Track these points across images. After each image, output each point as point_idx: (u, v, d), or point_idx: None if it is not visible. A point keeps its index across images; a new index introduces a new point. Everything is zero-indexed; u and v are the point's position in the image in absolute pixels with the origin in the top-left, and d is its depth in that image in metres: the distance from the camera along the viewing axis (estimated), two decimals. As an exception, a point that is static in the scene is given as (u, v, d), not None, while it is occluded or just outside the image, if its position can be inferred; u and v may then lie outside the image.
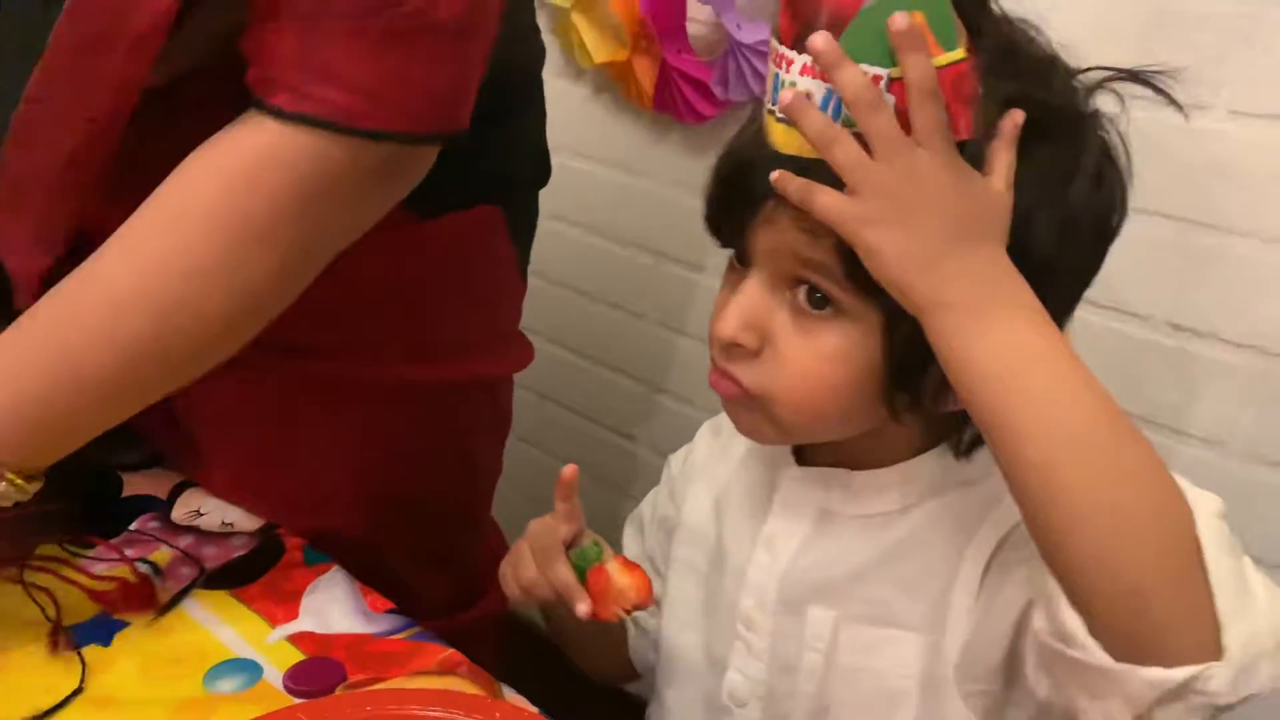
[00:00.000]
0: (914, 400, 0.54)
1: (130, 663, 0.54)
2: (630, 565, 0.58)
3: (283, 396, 0.70)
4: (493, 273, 0.77)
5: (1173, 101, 0.55)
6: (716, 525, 0.67)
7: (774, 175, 0.49)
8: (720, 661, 0.64)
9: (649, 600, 0.58)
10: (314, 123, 0.53)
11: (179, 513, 0.68)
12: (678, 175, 1.23)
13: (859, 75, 0.45)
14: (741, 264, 0.56)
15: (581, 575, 0.58)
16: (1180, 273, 0.91)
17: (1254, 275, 0.87)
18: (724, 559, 0.66)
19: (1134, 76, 0.54)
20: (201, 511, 0.68)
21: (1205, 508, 0.46)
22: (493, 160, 0.70)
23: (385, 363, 0.71)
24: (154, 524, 0.67)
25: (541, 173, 0.84)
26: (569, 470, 0.61)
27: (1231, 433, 0.92)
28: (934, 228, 0.46)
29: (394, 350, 0.71)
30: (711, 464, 0.70)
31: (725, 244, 0.58)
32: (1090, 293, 0.96)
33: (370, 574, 0.65)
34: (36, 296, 0.57)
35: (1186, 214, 0.89)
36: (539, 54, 0.82)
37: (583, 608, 0.57)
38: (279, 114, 0.53)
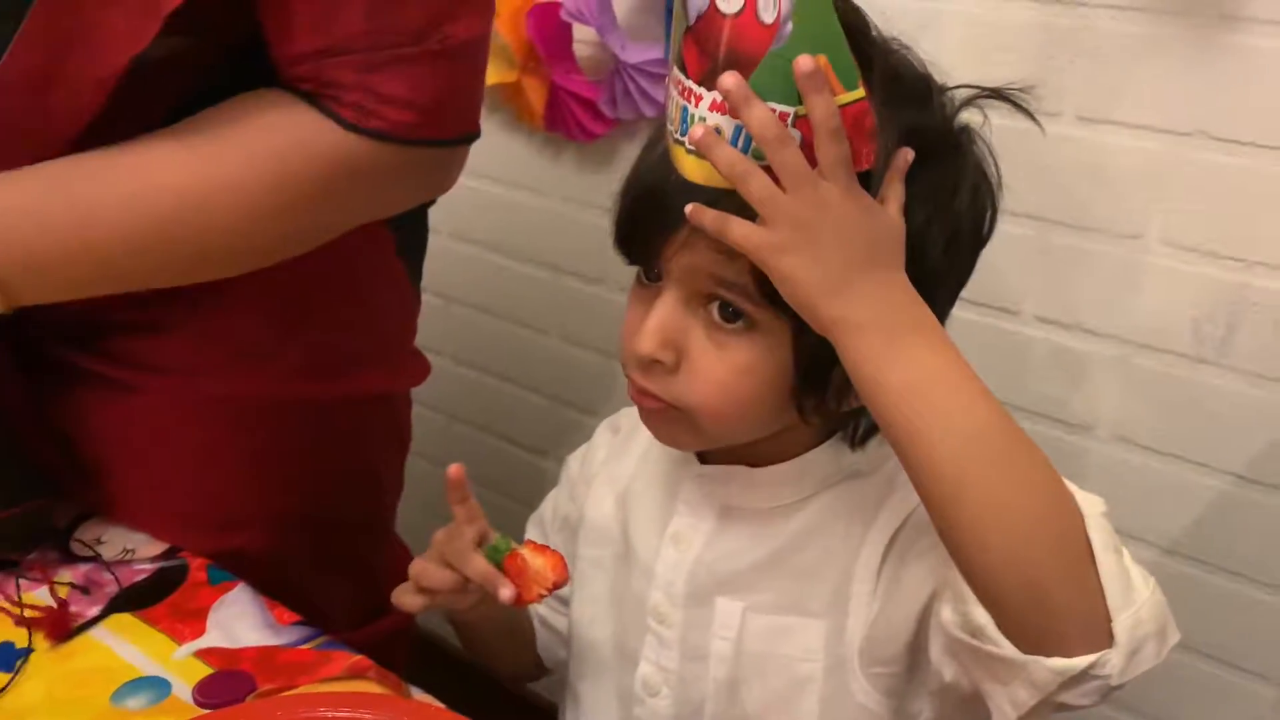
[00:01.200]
0: (820, 402, 0.58)
1: (36, 686, 0.54)
2: (541, 547, 0.60)
3: (178, 418, 0.70)
4: (383, 288, 0.80)
5: (1031, 117, 0.60)
6: (621, 522, 0.69)
7: (688, 208, 0.51)
8: (632, 654, 0.66)
9: (566, 577, 0.60)
10: (378, 136, 0.61)
11: (78, 542, 0.67)
12: (572, 192, 1.26)
13: (767, 113, 0.48)
14: (650, 279, 0.59)
15: (497, 567, 0.59)
16: (1045, 269, 0.98)
17: (1112, 269, 0.94)
18: (631, 555, 0.68)
19: (996, 94, 0.59)
20: (102, 540, 0.68)
21: (1092, 508, 0.50)
22: None
23: (279, 379, 0.72)
24: (53, 554, 0.66)
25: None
26: (454, 470, 0.61)
27: (1098, 418, 0.98)
28: (841, 254, 0.50)
29: (287, 366, 0.72)
30: (611, 462, 0.73)
31: (634, 263, 0.60)
32: (966, 291, 1.02)
33: (277, 591, 0.66)
34: None
35: (1047, 214, 0.96)
36: None
37: (506, 592, 0.58)
38: (347, 125, 0.61)
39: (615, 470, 0.72)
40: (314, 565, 0.73)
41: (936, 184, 0.54)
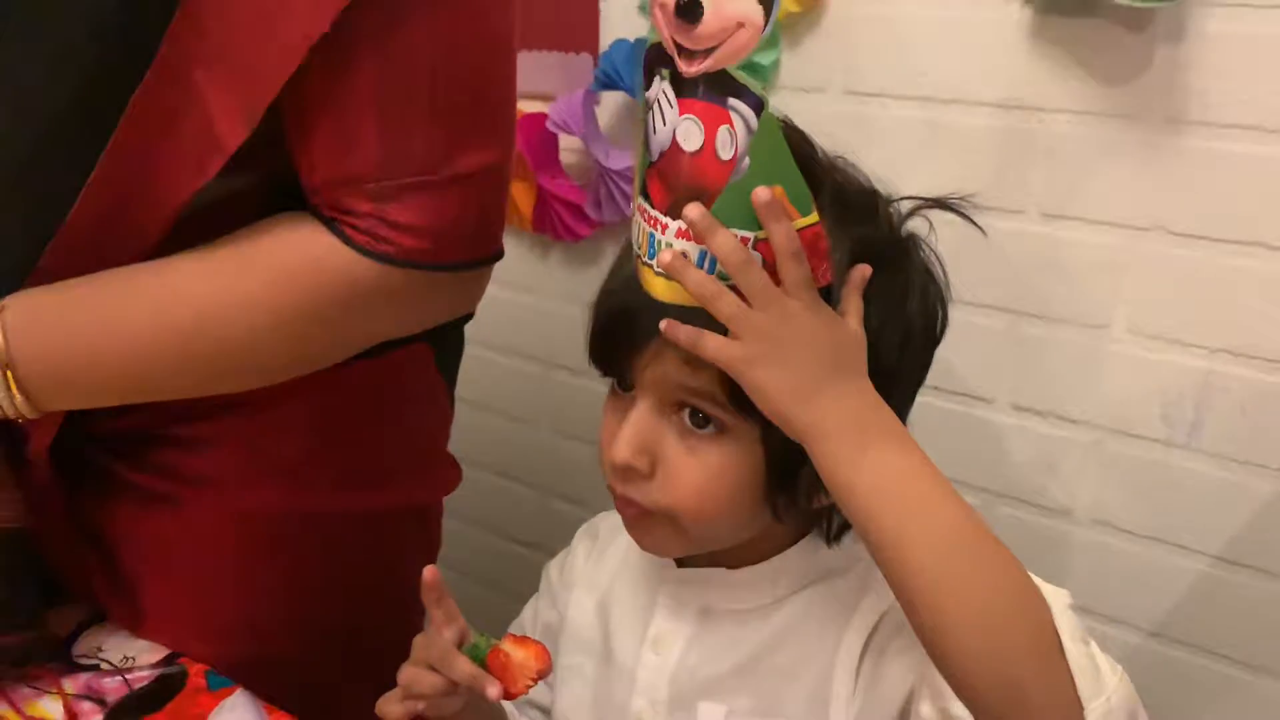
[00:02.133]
0: (791, 500, 0.60)
1: None
2: (522, 639, 0.60)
3: (216, 530, 0.72)
4: (421, 401, 0.82)
5: (973, 222, 0.63)
6: (602, 627, 0.71)
7: (663, 325, 0.54)
8: (615, 761, 0.67)
9: (549, 666, 0.60)
10: (387, 260, 0.63)
11: (80, 650, 0.69)
12: (559, 288, 1.30)
13: (730, 239, 0.51)
14: (623, 389, 0.62)
15: (481, 665, 0.60)
16: (1018, 360, 1.01)
17: (1082, 358, 0.98)
18: (611, 660, 0.69)
19: (939, 203, 0.62)
20: (102, 649, 0.69)
21: (1058, 602, 0.52)
22: None
23: (318, 493, 0.74)
24: (54, 663, 0.67)
25: (470, 307, 0.89)
26: (429, 573, 0.62)
27: (1076, 503, 1.01)
28: (809, 365, 0.53)
29: (325, 480, 0.74)
30: (590, 568, 0.74)
31: (608, 374, 0.63)
32: (940, 383, 1.05)
33: (307, 698, 0.67)
34: None
35: (1017, 307, 1.00)
36: None
37: (493, 690, 0.58)
38: (358, 249, 0.63)
39: (594, 576, 0.73)
40: (344, 673, 0.73)
41: (887, 290, 0.58)
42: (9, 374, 0.61)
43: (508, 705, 0.73)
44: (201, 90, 0.58)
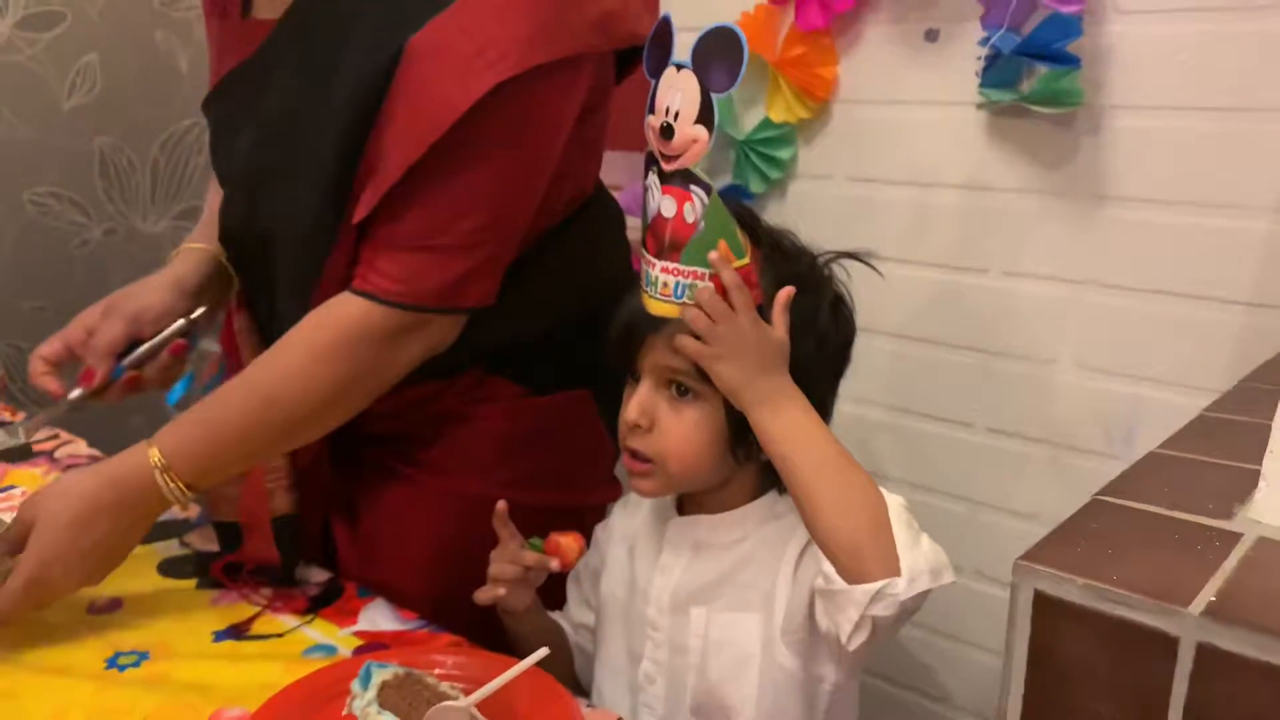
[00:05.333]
0: (746, 451, 0.86)
1: (253, 647, 0.85)
2: (563, 532, 0.88)
3: (426, 503, 1.00)
4: (581, 432, 1.06)
5: (875, 269, 0.88)
6: (630, 564, 0.96)
7: (675, 341, 0.81)
8: (637, 655, 0.92)
9: (584, 544, 0.88)
10: (368, 296, 0.86)
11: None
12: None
13: (734, 274, 0.78)
14: (634, 379, 0.89)
15: (540, 552, 0.88)
16: (988, 391, 1.24)
17: (1038, 388, 1.21)
18: (635, 584, 0.94)
19: (852, 255, 0.89)
20: (306, 579, 0.98)
21: (894, 502, 0.77)
22: (584, 354, 1.00)
23: (496, 486, 0.96)
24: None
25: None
26: (501, 505, 0.90)
27: (1040, 509, 1.22)
28: (749, 361, 0.79)
29: (502, 478, 1.00)
30: (622, 525, 1.00)
31: (620, 367, 0.90)
32: (927, 410, 1.28)
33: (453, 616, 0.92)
34: None
35: (986, 347, 1.24)
36: (629, 281, 1.11)
37: (555, 563, 0.87)
38: (353, 290, 0.87)
39: (625, 530, 0.99)
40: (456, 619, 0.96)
41: (804, 308, 0.84)
42: (168, 475, 0.85)
43: (563, 622, 0.99)
44: (363, 187, 0.86)
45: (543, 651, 0.79)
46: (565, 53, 0.82)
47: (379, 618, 0.90)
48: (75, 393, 0.97)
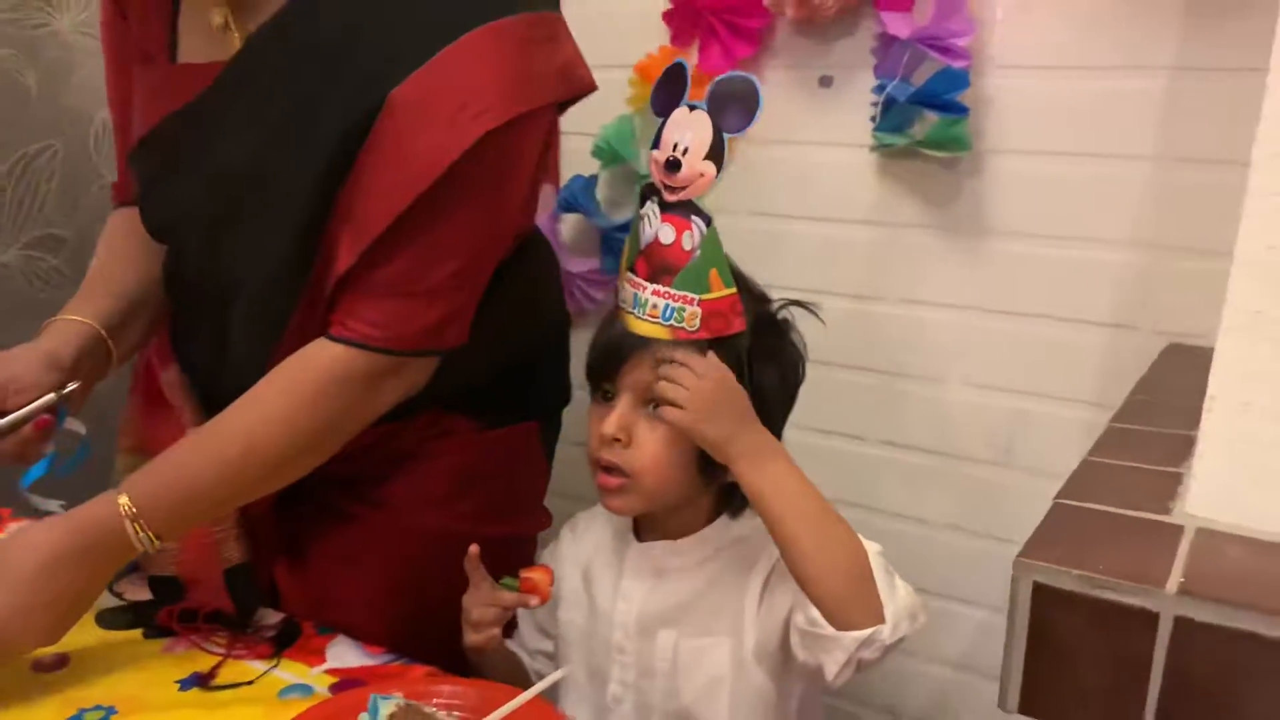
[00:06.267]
0: (713, 470, 0.90)
1: (226, 694, 0.84)
2: (533, 568, 0.91)
3: (385, 539, 1.01)
4: (530, 462, 1.11)
5: (816, 315, 0.95)
6: (586, 590, 1.00)
7: (662, 412, 0.85)
8: (602, 678, 0.96)
9: (553, 575, 0.91)
10: (349, 343, 0.87)
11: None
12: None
13: (679, 367, 0.84)
14: (604, 398, 0.93)
15: (515, 591, 0.90)
16: (885, 406, 1.35)
17: (930, 404, 1.32)
18: (595, 610, 0.98)
19: (796, 302, 0.96)
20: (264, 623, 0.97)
21: (872, 549, 0.83)
22: (538, 392, 1.07)
23: (455, 519, 1.01)
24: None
25: (567, 397, 1.19)
26: (473, 549, 0.93)
27: (930, 514, 1.34)
28: (726, 420, 0.84)
29: (462, 510, 1.03)
30: (574, 551, 1.04)
31: (598, 386, 0.93)
32: (829, 426, 1.37)
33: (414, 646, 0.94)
34: None
35: (884, 369, 1.34)
36: (566, 318, 1.21)
37: (534, 601, 0.90)
38: (331, 337, 0.88)
39: (576, 555, 1.03)
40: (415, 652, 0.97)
41: (772, 345, 0.91)
42: (139, 524, 0.83)
43: (520, 651, 1.02)
44: (340, 236, 0.87)
45: (560, 673, 0.82)
46: (539, 102, 0.86)
47: (346, 654, 0.90)
48: None
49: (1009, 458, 1.28)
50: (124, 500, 0.83)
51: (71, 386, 0.95)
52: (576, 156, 1.49)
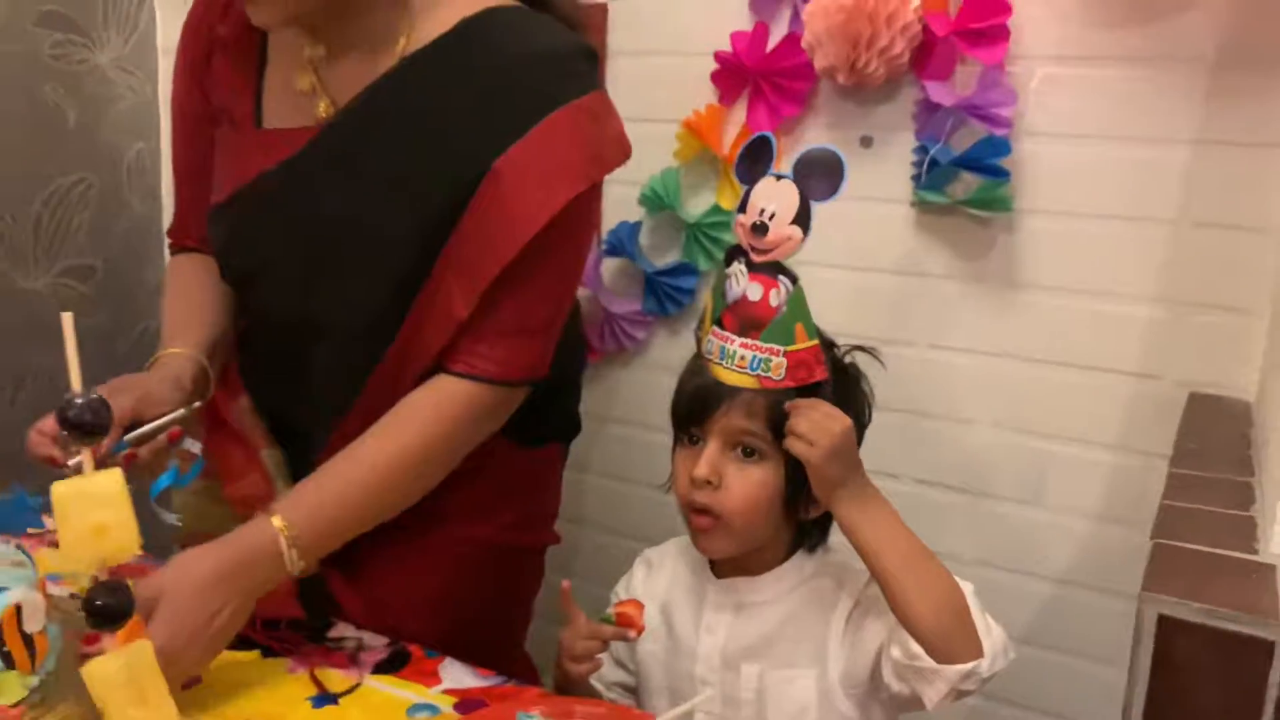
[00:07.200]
0: (797, 508, 0.98)
1: (354, 713, 0.88)
2: (625, 602, 0.97)
3: (435, 549, 1.07)
4: (551, 484, 1.22)
5: (879, 360, 1.05)
6: (665, 624, 1.06)
7: (788, 444, 0.92)
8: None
9: (642, 611, 0.97)
10: (475, 379, 0.97)
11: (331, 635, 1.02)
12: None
13: (813, 404, 0.92)
14: (691, 442, 0.99)
15: (611, 624, 0.96)
16: (916, 446, 1.43)
17: (959, 445, 1.40)
18: (676, 644, 1.04)
19: (861, 348, 1.04)
20: (345, 636, 1.01)
21: (967, 589, 0.91)
22: (560, 417, 1.18)
23: (498, 529, 1.10)
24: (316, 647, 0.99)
25: (579, 425, 1.28)
26: (565, 584, 0.99)
27: (961, 550, 1.42)
28: (844, 463, 0.91)
29: (503, 522, 1.11)
30: (649, 586, 1.10)
31: (685, 431, 1.00)
32: (871, 464, 1.44)
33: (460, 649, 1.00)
34: None
35: (915, 408, 1.42)
36: (585, 350, 1.35)
37: (632, 633, 0.95)
38: (458, 374, 0.97)
39: (652, 590, 1.09)
40: (472, 637, 1.05)
41: (847, 390, 0.99)
42: (293, 550, 0.90)
43: (597, 684, 1.08)
44: (449, 284, 0.96)
45: (702, 697, 0.90)
46: (609, 170, 0.99)
47: (460, 675, 0.95)
48: (74, 461, 0.96)
49: (1037, 497, 1.36)
50: (280, 522, 0.90)
51: (196, 405, 1.03)
52: (621, 204, 1.56)
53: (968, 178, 1.31)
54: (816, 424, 0.91)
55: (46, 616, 0.81)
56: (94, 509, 0.56)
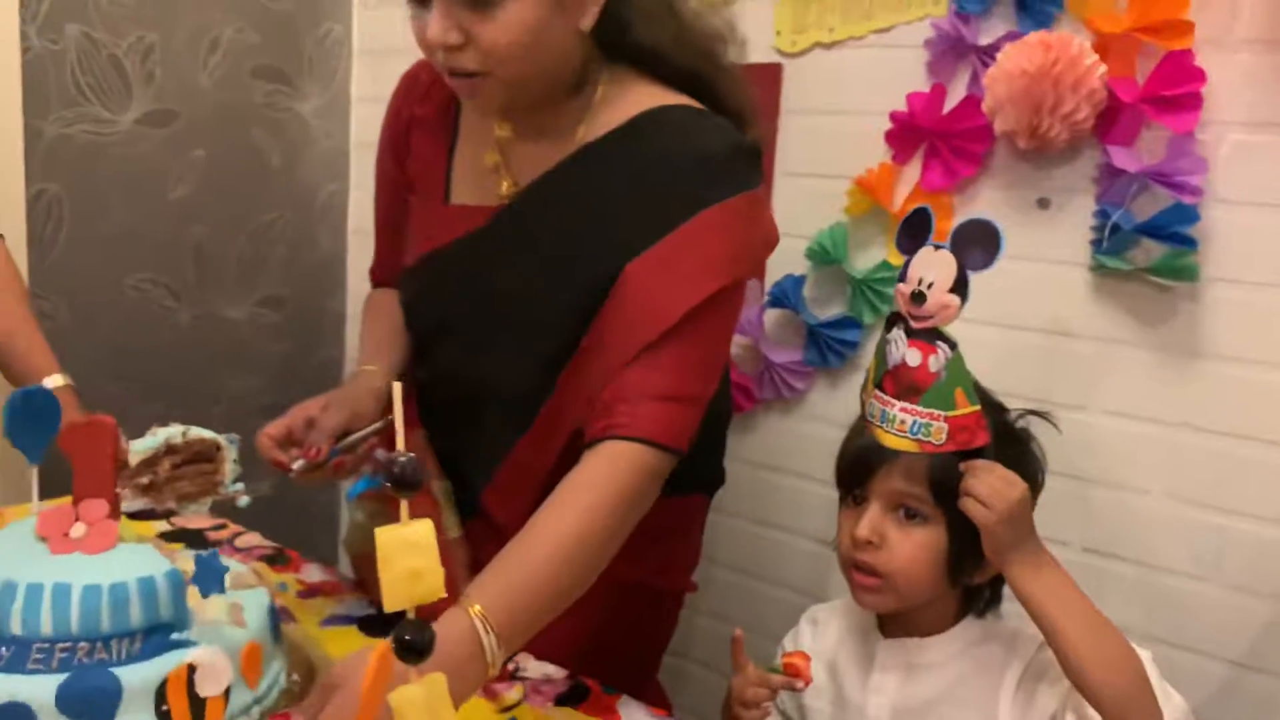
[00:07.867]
0: (961, 572, 0.98)
1: None
2: (794, 653, 0.99)
3: (593, 591, 1.06)
4: (694, 532, 1.29)
5: (1054, 425, 1.06)
6: (833, 681, 1.07)
7: (963, 505, 0.94)
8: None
9: (809, 662, 0.98)
10: (641, 441, 0.97)
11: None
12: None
13: (992, 470, 0.94)
14: (854, 502, 1.02)
15: (780, 674, 0.98)
16: (1085, 514, 1.41)
17: (1132, 515, 1.37)
18: (845, 702, 1.06)
19: (1034, 413, 1.05)
20: (523, 666, 1.07)
21: (1144, 656, 0.90)
22: (706, 469, 1.24)
23: (648, 572, 1.15)
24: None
25: (723, 478, 1.33)
26: (738, 632, 1.02)
27: (1128, 625, 1.38)
28: (1018, 527, 0.93)
29: (650, 565, 1.16)
30: (817, 642, 1.11)
31: (848, 491, 1.03)
32: (1040, 531, 1.44)
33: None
34: None
35: (1085, 476, 1.40)
36: (730, 408, 1.36)
37: (800, 684, 0.97)
38: (621, 436, 0.97)
39: (819, 647, 1.11)
40: (623, 673, 1.11)
41: (1014, 455, 0.99)
42: (492, 634, 0.83)
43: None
44: (590, 363, 1.03)
45: None
46: (754, 267, 1.10)
47: (635, 714, 0.99)
48: (299, 464, 1.07)
49: (1212, 573, 1.32)
50: (476, 609, 0.83)
51: (390, 419, 1.11)
52: (787, 256, 1.59)
53: (1148, 244, 1.29)
54: (993, 488, 0.92)
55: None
56: (411, 555, 0.62)
